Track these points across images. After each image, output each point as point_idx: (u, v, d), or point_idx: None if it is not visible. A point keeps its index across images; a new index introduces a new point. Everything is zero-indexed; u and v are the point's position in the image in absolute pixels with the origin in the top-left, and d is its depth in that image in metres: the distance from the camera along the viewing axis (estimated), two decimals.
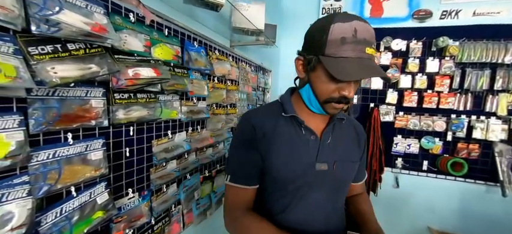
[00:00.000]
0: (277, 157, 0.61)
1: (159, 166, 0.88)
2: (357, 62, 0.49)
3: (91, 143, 0.63)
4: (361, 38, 0.49)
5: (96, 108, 0.63)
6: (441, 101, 1.96)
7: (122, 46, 0.67)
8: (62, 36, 0.53)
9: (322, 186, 0.63)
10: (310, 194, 0.63)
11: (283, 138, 0.62)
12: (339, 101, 0.55)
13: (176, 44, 0.90)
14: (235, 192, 0.64)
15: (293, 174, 0.62)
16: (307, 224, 0.64)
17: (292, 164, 0.61)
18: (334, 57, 0.50)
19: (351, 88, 0.54)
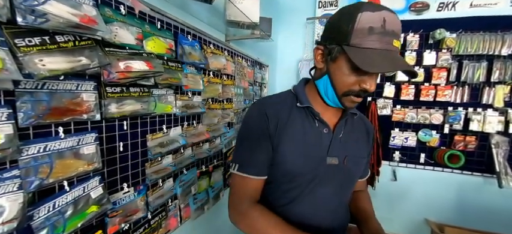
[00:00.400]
0: (290, 149, 0.59)
1: (155, 161, 0.88)
2: (383, 54, 0.47)
3: (83, 137, 0.62)
4: (390, 29, 0.47)
5: (87, 101, 0.62)
6: (438, 94, 1.96)
7: (112, 39, 0.67)
8: (50, 28, 0.52)
9: (332, 180, 0.62)
10: (319, 188, 0.62)
11: (296, 129, 0.60)
12: (358, 94, 0.53)
13: (169, 37, 0.89)
14: (243, 182, 0.61)
15: (304, 167, 0.60)
16: (313, 218, 0.63)
17: (304, 156, 0.60)
18: (360, 48, 0.48)
19: (373, 81, 0.52)
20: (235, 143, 0.66)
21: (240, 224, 0.61)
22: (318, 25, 2.17)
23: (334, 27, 0.53)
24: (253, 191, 0.62)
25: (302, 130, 0.60)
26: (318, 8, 2.17)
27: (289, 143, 0.60)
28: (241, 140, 0.64)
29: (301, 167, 0.60)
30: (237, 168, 0.61)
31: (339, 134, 0.63)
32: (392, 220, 2.14)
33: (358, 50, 0.48)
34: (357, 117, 0.68)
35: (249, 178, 0.61)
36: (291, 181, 0.62)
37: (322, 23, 2.16)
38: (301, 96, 0.63)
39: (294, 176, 0.61)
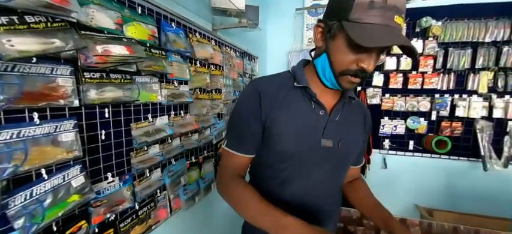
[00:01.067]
0: (283, 129, 0.59)
1: (140, 150, 0.86)
2: (384, 29, 0.44)
3: (61, 124, 0.60)
4: (392, 4, 0.44)
5: (63, 86, 0.60)
6: (425, 82, 2.00)
7: (89, 22, 0.64)
8: (18, 7, 0.49)
9: (325, 163, 0.62)
10: (311, 169, 0.61)
11: (292, 109, 0.59)
12: (355, 73, 0.51)
13: (151, 23, 0.86)
14: (230, 158, 0.63)
15: (297, 147, 0.59)
16: (305, 198, 0.63)
17: (298, 137, 0.59)
18: (359, 23, 0.45)
19: (372, 60, 0.49)
20: (229, 117, 0.67)
21: (224, 194, 0.63)
22: (307, 16, 2.16)
23: (334, 2, 0.51)
24: (239, 167, 0.63)
25: (297, 110, 0.59)
26: None
27: (283, 122, 0.59)
28: (233, 117, 0.64)
29: (295, 147, 0.60)
30: (226, 144, 0.64)
31: (335, 117, 0.61)
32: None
33: (357, 25, 0.46)
34: (354, 102, 0.66)
35: (235, 155, 0.62)
36: (283, 161, 0.61)
37: (311, 14, 2.16)
38: (299, 76, 0.61)
39: (286, 156, 0.61)
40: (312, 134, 0.60)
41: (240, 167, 0.64)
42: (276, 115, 0.59)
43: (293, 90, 0.61)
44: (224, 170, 0.65)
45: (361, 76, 0.51)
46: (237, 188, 0.60)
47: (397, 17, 0.45)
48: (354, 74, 0.51)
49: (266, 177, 0.65)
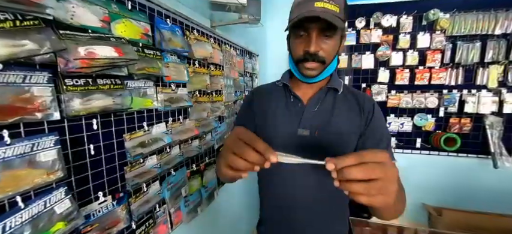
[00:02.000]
0: (265, 122, 0.68)
1: (136, 163, 0.77)
2: (303, 9, 0.54)
3: (39, 141, 0.51)
4: None
5: (40, 97, 0.50)
6: (433, 77, 1.93)
7: (69, 20, 0.55)
8: None
9: (304, 153, 0.59)
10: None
11: (273, 104, 0.69)
12: (305, 58, 0.58)
13: (144, 20, 0.77)
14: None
15: (275, 137, 0.65)
16: (291, 194, 0.66)
17: (277, 129, 0.66)
18: (291, 18, 0.57)
19: (311, 43, 0.56)
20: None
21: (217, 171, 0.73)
22: None
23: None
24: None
25: (277, 105, 0.69)
26: None
27: (264, 117, 0.69)
28: (239, 111, 0.80)
29: (273, 135, 0.65)
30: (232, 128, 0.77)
31: (312, 108, 0.65)
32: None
33: (290, 20, 0.58)
34: (343, 93, 0.67)
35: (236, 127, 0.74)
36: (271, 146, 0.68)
37: None
38: (283, 76, 0.72)
39: (268, 139, 0.68)
40: (289, 124, 0.65)
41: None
42: (260, 112, 0.71)
43: (277, 89, 0.72)
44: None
45: (311, 59, 0.58)
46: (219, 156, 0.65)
47: (316, 2, 0.53)
48: (304, 58, 0.58)
49: (260, 179, 0.74)
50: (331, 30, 0.55)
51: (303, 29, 0.56)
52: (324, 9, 0.52)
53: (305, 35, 0.57)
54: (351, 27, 2.03)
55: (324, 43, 0.57)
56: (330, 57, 0.60)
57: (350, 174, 0.35)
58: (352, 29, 2.04)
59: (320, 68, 0.59)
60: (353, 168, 0.35)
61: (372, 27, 2.01)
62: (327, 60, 0.59)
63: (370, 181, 0.35)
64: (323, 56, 0.58)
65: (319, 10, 0.52)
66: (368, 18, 2.00)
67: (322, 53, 0.58)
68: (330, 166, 0.37)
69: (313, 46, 0.56)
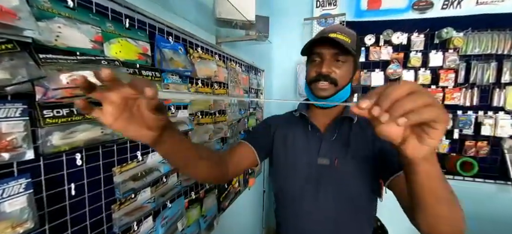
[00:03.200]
0: (286, 151, 0.70)
1: (126, 200, 0.68)
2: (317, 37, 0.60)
3: (4, 188, 0.42)
4: (327, 30, 0.61)
5: (9, 134, 0.42)
6: (446, 97, 1.83)
7: (53, 41, 0.47)
8: None
9: (327, 183, 0.64)
10: (315, 191, 0.65)
11: (291, 134, 0.71)
12: (317, 78, 0.61)
13: (143, 39, 0.69)
14: (237, 144, 0.74)
15: (298, 167, 0.67)
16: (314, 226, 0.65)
17: (298, 158, 0.67)
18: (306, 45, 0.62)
19: (324, 64, 0.59)
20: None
21: None
22: (316, 26, 2.01)
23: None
24: (235, 149, 0.72)
25: (295, 135, 0.70)
26: (316, 7, 2.02)
27: (283, 145, 0.71)
28: (252, 130, 0.80)
29: (294, 166, 0.67)
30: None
31: (330, 136, 0.66)
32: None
33: (305, 47, 0.63)
34: (358, 122, 0.67)
35: (242, 142, 0.73)
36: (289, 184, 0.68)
37: (321, 24, 2.01)
38: (299, 106, 0.73)
39: (287, 177, 0.68)
40: (309, 153, 0.67)
41: (236, 150, 0.71)
42: (281, 137, 0.72)
43: (295, 119, 0.73)
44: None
45: (323, 79, 0.60)
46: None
47: (331, 33, 0.58)
48: (316, 78, 0.61)
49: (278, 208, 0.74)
50: (343, 56, 0.59)
51: (317, 54, 0.61)
52: (335, 37, 0.57)
53: (319, 60, 0.62)
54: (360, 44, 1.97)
55: (336, 67, 0.60)
56: (342, 81, 0.62)
57: (400, 107, 0.26)
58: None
59: (332, 89, 0.61)
60: (401, 100, 0.27)
61: (382, 44, 1.94)
62: (339, 83, 0.61)
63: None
64: (335, 78, 0.60)
65: (332, 37, 0.57)
66: (378, 35, 1.93)
67: (334, 75, 0.60)
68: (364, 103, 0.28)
69: (325, 67, 0.59)
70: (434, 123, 0.28)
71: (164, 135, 0.38)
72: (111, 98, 0.31)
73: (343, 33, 0.59)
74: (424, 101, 0.26)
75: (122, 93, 0.30)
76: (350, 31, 0.62)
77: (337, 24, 0.67)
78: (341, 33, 0.59)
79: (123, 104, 0.31)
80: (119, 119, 0.32)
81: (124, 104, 0.32)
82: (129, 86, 0.29)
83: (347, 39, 0.59)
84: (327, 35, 0.58)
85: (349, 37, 0.60)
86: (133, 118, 0.33)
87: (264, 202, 2.14)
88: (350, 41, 0.59)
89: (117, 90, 0.30)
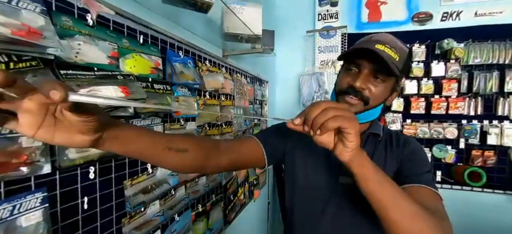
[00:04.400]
0: (301, 167, 0.64)
1: (136, 213, 0.67)
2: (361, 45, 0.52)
3: (21, 202, 0.42)
4: (374, 39, 0.53)
5: (28, 148, 0.43)
6: (450, 106, 1.84)
7: (73, 58, 0.48)
8: None
9: (349, 204, 0.59)
10: (337, 213, 0.60)
11: (309, 149, 0.64)
12: (347, 91, 0.55)
13: (155, 53, 0.71)
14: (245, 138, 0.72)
15: (315, 181, 0.62)
16: None
17: (317, 176, 0.62)
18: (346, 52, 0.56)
19: (359, 78, 0.53)
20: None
21: None
22: (319, 38, 2.06)
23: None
24: (239, 142, 0.66)
25: (313, 150, 0.62)
26: (318, 20, 2.08)
27: (301, 160, 0.65)
28: (264, 129, 0.72)
29: (311, 181, 0.62)
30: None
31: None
32: None
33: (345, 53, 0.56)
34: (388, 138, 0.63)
35: (251, 137, 0.66)
36: (308, 202, 0.63)
37: (323, 36, 2.05)
38: None
39: (309, 196, 0.63)
40: (329, 171, 0.61)
41: (239, 143, 0.64)
42: (298, 150, 0.65)
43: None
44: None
45: (353, 93, 0.54)
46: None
47: (377, 44, 0.51)
48: (346, 91, 0.55)
49: (296, 227, 0.67)
50: (384, 74, 0.52)
51: (355, 65, 0.54)
52: (383, 51, 0.50)
53: (355, 72, 0.54)
54: None
55: (373, 84, 0.53)
56: (375, 101, 0.55)
57: (317, 122, 0.36)
58: None
59: (360, 107, 0.54)
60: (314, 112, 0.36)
61: None
62: (371, 102, 0.54)
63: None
64: (367, 96, 0.53)
65: (377, 50, 0.50)
66: None
67: (368, 93, 0.53)
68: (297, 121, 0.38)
69: (360, 82, 0.52)
70: (344, 128, 0.36)
71: (106, 136, 0.33)
72: (25, 106, 0.25)
73: (392, 48, 0.51)
74: (332, 113, 0.35)
75: (36, 100, 0.25)
76: (402, 46, 0.54)
77: (389, 35, 0.56)
78: (390, 47, 0.51)
79: (42, 110, 0.27)
80: (41, 128, 0.27)
81: (43, 110, 0.27)
82: (38, 90, 0.25)
83: (395, 55, 0.51)
84: (373, 47, 0.50)
85: (399, 53, 0.51)
86: (59, 124, 0.28)
87: (268, 214, 2.11)
88: (398, 58, 0.51)
89: (29, 96, 0.25)
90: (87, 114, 0.28)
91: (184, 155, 0.46)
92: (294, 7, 2.13)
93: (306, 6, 2.11)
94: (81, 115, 0.28)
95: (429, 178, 0.55)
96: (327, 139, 0.40)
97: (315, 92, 1.99)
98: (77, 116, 0.27)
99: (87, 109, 0.28)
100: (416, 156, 0.59)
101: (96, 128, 0.31)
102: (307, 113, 0.37)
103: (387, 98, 0.57)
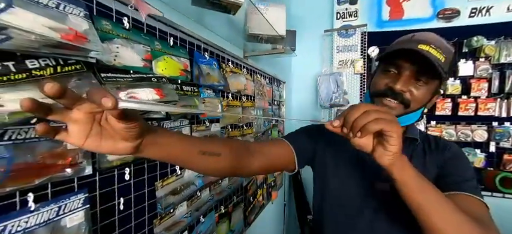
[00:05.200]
0: (332, 171, 0.61)
1: (166, 214, 0.68)
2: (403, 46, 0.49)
3: (66, 203, 0.43)
4: (416, 38, 0.49)
5: (72, 150, 0.43)
6: (479, 108, 1.73)
7: (112, 61, 0.49)
8: (16, 49, 0.34)
9: (387, 212, 0.56)
10: (372, 222, 0.57)
11: (341, 154, 0.61)
12: (385, 93, 0.51)
13: (184, 55, 0.71)
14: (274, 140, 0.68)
15: (350, 190, 0.59)
16: None
17: (349, 179, 0.59)
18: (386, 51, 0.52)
19: (400, 80, 0.49)
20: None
21: None
22: (337, 37, 2.00)
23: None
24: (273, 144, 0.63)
25: (346, 153, 0.60)
26: (336, 19, 2.02)
27: (333, 164, 0.62)
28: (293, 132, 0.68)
29: (344, 191, 0.60)
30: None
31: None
32: None
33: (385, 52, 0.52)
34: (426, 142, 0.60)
35: (280, 139, 0.64)
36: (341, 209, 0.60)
37: (341, 35, 2.00)
38: None
39: (336, 204, 0.61)
40: (365, 177, 0.58)
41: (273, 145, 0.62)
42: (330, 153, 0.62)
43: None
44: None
45: (392, 96, 0.51)
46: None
47: (421, 45, 0.47)
48: (384, 93, 0.52)
49: (325, 230, 0.64)
50: (427, 76, 0.48)
51: (395, 66, 0.50)
52: (427, 52, 0.46)
53: (394, 73, 0.51)
54: None
55: (415, 87, 0.50)
56: (416, 105, 0.51)
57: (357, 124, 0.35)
58: None
59: (400, 110, 0.51)
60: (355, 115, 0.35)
61: None
62: (412, 105, 0.51)
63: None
64: (408, 99, 0.49)
65: (422, 51, 0.46)
66: None
67: (409, 96, 0.50)
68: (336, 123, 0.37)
69: (401, 84, 0.49)
70: (386, 132, 0.34)
71: (145, 142, 0.33)
72: (74, 117, 0.26)
73: (438, 48, 0.47)
74: (373, 116, 0.34)
75: (83, 109, 0.26)
76: (447, 46, 0.50)
77: (432, 33, 0.52)
78: (435, 47, 0.47)
79: (89, 119, 0.27)
80: (89, 137, 0.28)
81: (91, 119, 0.28)
82: (87, 99, 0.26)
83: (441, 56, 0.47)
84: (415, 47, 0.47)
85: (445, 54, 0.47)
86: (105, 132, 0.29)
87: (284, 215, 2.08)
88: (444, 60, 0.47)
89: (77, 107, 0.26)
90: (131, 120, 0.28)
91: (218, 159, 0.46)
92: (312, 6, 2.09)
93: (324, 5, 2.06)
94: (126, 121, 0.28)
95: (473, 185, 0.52)
96: (365, 142, 0.38)
97: (333, 93, 1.94)
98: (123, 122, 0.28)
99: (131, 115, 0.28)
100: (458, 161, 0.56)
101: (137, 134, 0.31)
102: (347, 114, 0.36)
103: (428, 101, 0.54)
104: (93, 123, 0.28)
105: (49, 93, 0.22)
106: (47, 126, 0.25)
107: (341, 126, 0.37)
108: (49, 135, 0.26)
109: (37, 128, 0.25)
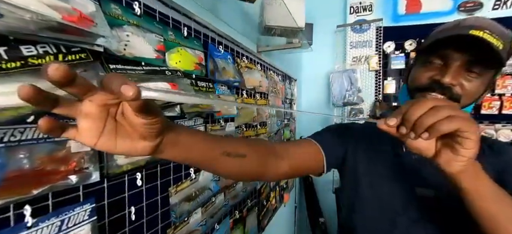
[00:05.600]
0: (365, 174, 0.55)
1: (180, 223, 0.61)
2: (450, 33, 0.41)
3: (70, 216, 0.37)
4: (466, 24, 0.42)
5: (77, 154, 0.37)
6: (504, 106, 1.63)
7: (121, 51, 0.43)
8: (7, 31, 0.28)
9: (430, 222, 0.49)
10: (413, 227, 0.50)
11: (374, 152, 0.55)
12: (430, 87, 0.44)
13: (198, 48, 0.65)
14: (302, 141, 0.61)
15: (385, 195, 0.52)
16: None
17: (384, 183, 0.53)
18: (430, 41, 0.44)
19: (448, 72, 0.42)
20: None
21: None
22: (350, 32, 1.92)
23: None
24: (301, 145, 0.56)
25: (379, 155, 0.54)
26: (350, 13, 1.94)
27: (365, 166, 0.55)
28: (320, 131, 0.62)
29: (380, 198, 0.53)
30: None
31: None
32: None
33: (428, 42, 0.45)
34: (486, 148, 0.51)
35: (308, 139, 0.57)
36: (367, 221, 0.54)
37: (355, 30, 1.91)
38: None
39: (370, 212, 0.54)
40: (403, 182, 0.51)
41: (301, 146, 0.56)
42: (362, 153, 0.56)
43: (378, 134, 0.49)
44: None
45: (438, 89, 0.44)
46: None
47: (472, 31, 0.40)
48: (429, 87, 0.45)
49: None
50: (481, 67, 0.41)
51: (439, 56, 0.43)
52: (482, 37, 0.38)
53: (439, 65, 0.43)
54: (400, 50, 1.84)
55: (466, 80, 0.42)
56: (468, 100, 0.44)
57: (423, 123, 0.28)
58: (400, 52, 1.84)
59: None
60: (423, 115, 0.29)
61: None
62: (463, 101, 0.43)
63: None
64: (458, 94, 0.42)
65: (478, 37, 0.39)
66: (420, 39, 1.79)
67: (459, 90, 0.42)
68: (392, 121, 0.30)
69: (450, 76, 0.41)
70: (462, 132, 0.28)
71: (166, 141, 0.28)
72: (85, 110, 0.21)
73: (494, 33, 0.40)
74: (445, 113, 0.28)
75: (96, 101, 0.21)
76: (503, 30, 0.43)
77: (484, 18, 0.44)
78: (490, 32, 0.40)
79: (103, 114, 0.22)
80: (103, 135, 0.23)
81: (105, 113, 0.23)
82: (102, 88, 0.21)
83: (498, 43, 0.39)
84: (468, 32, 0.39)
85: (503, 40, 0.40)
86: (121, 129, 0.24)
87: (295, 218, 2.01)
88: (502, 47, 0.39)
89: (89, 97, 0.21)
90: (152, 114, 0.23)
91: (243, 161, 0.40)
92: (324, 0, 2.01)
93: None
94: (147, 116, 0.23)
95: None
96: (425, 144, 0.32)
97: (346, 90, 1.85)
98: (143, 117, 0.23)
99: (152, 109, 0.23)
100: None
101: (158, 131, 0.26)
102: (409, 111, 0.29)
103: (480, 96, 0.46)
104: (107, 118, 0.23)
105: (54, 78, 0.16)
106: (52, 122, 0.20)
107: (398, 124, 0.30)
108: (55, 132, 0.21)
109: (40, 124, 0.19)
